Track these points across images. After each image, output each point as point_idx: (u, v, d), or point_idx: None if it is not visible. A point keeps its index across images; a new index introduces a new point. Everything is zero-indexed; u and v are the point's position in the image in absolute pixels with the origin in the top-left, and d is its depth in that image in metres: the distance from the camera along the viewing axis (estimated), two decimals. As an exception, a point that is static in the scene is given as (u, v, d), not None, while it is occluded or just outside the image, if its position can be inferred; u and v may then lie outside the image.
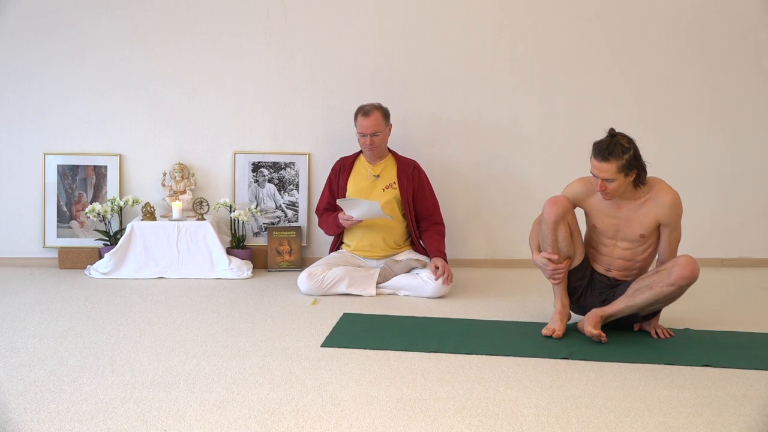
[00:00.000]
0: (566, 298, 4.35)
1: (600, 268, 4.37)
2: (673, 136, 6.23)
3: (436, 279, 5.11)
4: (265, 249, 5.98)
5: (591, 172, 4.09)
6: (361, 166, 5.48)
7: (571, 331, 4.32)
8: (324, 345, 4.06)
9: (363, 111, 5.35)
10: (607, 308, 4.22)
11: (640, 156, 4.06)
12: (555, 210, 4.20)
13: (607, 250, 4.31)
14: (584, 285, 4.36)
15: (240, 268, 5.62)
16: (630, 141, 4.05)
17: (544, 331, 4.27)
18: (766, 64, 6.21)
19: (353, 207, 5.19)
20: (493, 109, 6.07)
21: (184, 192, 5.89)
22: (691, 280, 4.09)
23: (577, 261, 4.34)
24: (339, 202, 5.24)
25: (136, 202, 5.84)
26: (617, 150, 3.98)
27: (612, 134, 4.05)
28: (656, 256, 4.33)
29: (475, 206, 6.12)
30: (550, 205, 4.22)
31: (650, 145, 6.16)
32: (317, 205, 5.65)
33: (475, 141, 6.10)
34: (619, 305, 4.20)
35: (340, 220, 5.29)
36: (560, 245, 4.26)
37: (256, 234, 6.06)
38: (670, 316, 4.65)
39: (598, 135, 4.15)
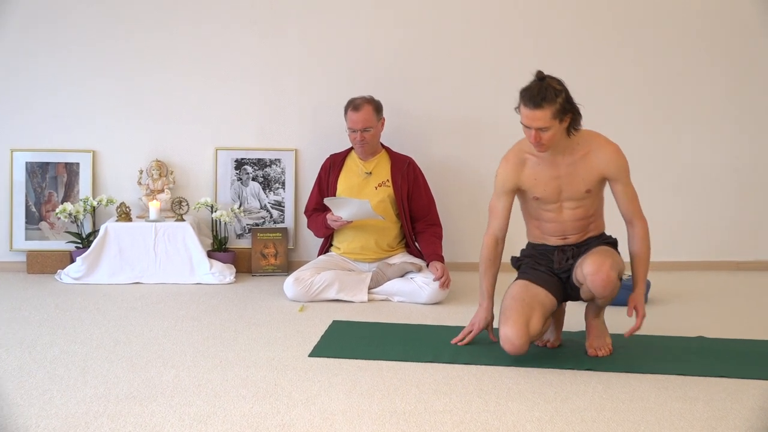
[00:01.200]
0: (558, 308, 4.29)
1: (556, 241, 4.18)
2: (686, 132, 6.26)
3: (434, 280, 5.11)
4: (248, 252, 5.98)
5: (522, 122, 3.92)
6: (353, 163, 5.48)
7: (576, 339, 4.32)
8: (312, 355, 4.06)
9: (353, 105, 5.35)
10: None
11: (572, 98, 3.90)
12: (518, 352, 3.94)
13: (553, 216, 4.14)
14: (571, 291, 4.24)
15: (222, 272, 5.62)
16: (560, 83, 3.88)
17: (537, 342, 4.24)
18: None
19: (342, 207, 5.18)
20: (494, 104, 6.06)
21: (162, 191, 5.89)
22: (608, 292, 3.92)
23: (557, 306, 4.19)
24: (326, 201, 5.23)
25: (110, 201, 5.82)
26: (549, 94, 3.81)
27: (541, 77, 3.86)
28: (605, 213, 4.23)
29: (473, 206, 6.10)
30: (511, 351, 3.93)
31: (660, 141, 6.21)
32: (306, 206, 5.65)
33: (474, 137, 6.10)
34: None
35: (328, 221, 5.29)
36: (545, 329, 4.11)
37: (240, 236, 6.05)
38: (683, 324, 4.64)
39: (604, 131, 4.12)
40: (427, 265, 5.28)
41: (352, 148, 5.52)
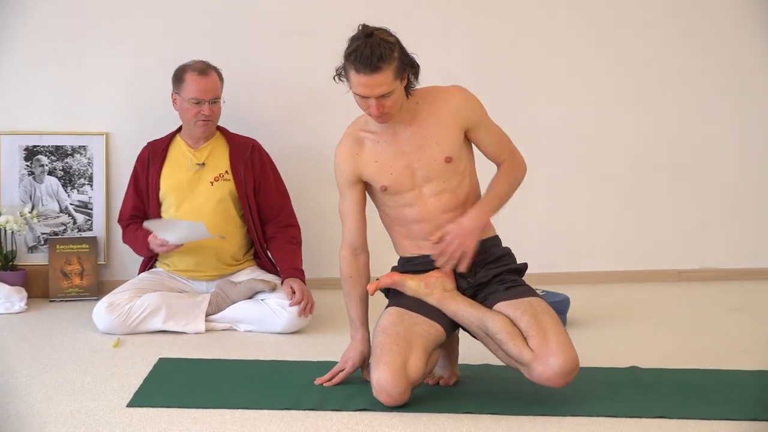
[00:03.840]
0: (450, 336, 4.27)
1: (431, 247, 4.13)
2: (620, 123, 6.41)
3: (291, 305, 5.11)
4: (45, 270, 5.91)
5: (355, 93, 3.98)
6: (179, 152, 5.43)
7: (476, 375, 4.36)
8: (131, 404, 4.00)
9: (198, 69, 5.29)
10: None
11: (404, 47, 4.00)
12: (396, 402, 3.93)
13: (416, 212, 4.15)
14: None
15: (8, 298, 5.55)
16: (389, 32, 3.98)
17: (428, 380, 4.24)
18: (729, 18, 6.44)
19: (168, 230, 5.13)
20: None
21: (-77, 191, 5.78)
22: (561, 381, 3.86)
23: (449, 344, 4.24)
24: (147, 224, 5.16)
25: None
26: (385, 50, 3.87)
27: (368, 33, 3.91)
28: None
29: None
30: (387, 402, 3.91)
31: (591, 133, 6.37)
32: (120, 212, 5.59)
33: (343, 115, 5.97)
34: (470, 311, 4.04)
35: (152, 245, 5.23)
36: (430, 368, 4.13)
37: (32, 249, 5.98)
38: (611, 351, 4.73)
39: (526, 116, 4.19)
40: (282, 283, 5.27)
41: (176, 133, 5.47)
